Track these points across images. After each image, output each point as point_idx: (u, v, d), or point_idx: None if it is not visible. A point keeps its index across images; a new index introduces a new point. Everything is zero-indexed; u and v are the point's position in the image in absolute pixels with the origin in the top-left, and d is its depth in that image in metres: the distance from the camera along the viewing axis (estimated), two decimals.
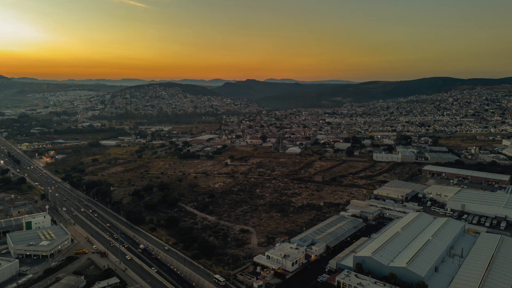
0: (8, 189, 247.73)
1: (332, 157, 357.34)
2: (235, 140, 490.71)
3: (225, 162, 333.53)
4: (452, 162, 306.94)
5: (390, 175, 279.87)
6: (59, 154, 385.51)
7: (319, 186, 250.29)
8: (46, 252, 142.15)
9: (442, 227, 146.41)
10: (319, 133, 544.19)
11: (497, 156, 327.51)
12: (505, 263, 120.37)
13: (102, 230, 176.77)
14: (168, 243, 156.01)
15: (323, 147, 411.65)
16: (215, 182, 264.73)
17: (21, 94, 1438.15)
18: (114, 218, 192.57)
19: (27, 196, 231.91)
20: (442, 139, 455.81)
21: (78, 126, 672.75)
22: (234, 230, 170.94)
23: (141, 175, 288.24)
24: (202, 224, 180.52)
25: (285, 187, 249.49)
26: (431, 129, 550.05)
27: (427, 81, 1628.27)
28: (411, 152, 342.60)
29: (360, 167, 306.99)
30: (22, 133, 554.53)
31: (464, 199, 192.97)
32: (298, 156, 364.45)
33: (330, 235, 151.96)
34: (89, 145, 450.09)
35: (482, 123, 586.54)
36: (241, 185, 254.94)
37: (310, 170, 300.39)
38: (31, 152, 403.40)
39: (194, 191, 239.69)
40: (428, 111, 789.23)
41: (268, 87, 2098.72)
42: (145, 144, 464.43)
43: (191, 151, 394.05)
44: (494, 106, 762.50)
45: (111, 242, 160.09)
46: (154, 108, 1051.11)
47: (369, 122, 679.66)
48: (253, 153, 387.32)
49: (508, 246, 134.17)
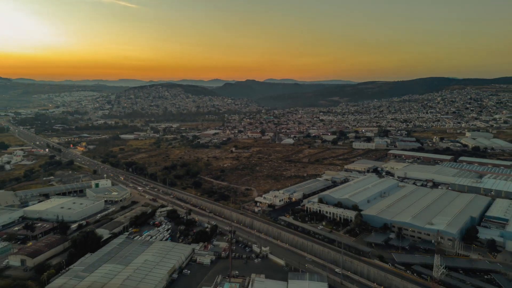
0: (61, 169, 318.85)
1: (319, 146, 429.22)
2: (238, 134, 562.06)
3: (231, 150, 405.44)
4: (415, 148, 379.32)
5: (363, 157, 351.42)
6: (89, 145, 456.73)
7: (305, 165, 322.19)
8: (117, 198, 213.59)
9: (381, 182, 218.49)
10: (312, 128, 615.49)
11: (453, 144, 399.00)
12: (411, 198, 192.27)
13: (148, 189, 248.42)
14: (197, 195, 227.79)
15: (313, 139, 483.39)
16: (224, 163, 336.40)
17: (26, 95, 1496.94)
18: (153, 183, 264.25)
19: (81, 172, 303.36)
20: (417, 132, 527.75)
21: (94, 123, 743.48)
22: (241, 189, 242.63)
23: (164, 159, 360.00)
24: (218, 186, 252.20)
25: (278, 166, 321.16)
26: (412, 124, 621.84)
27: (423, 81, 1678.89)
28: (384, 141, 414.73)
29: (341, 153, 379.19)
30: (47, 129, 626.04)
31: (407, 170, 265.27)
32: (291, 146, 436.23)
33: (307, 188, 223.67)
34: (111, 138, 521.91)
35: (458, 119, 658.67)
36: (244, 164, 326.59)
37: (300, 155, 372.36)
38: (64, 144, 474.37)
39: (208, 168, 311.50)
40: (415, 110, 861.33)
41: (267, 87, 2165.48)
42: (159, 137, 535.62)
43: (201, 142, 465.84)
44: (475, 105, 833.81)
45: (157, 194, 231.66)
46: (159, 107, 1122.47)
47: (359, 119, 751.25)
48: (253, 144, 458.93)
49: (418, 191, 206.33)
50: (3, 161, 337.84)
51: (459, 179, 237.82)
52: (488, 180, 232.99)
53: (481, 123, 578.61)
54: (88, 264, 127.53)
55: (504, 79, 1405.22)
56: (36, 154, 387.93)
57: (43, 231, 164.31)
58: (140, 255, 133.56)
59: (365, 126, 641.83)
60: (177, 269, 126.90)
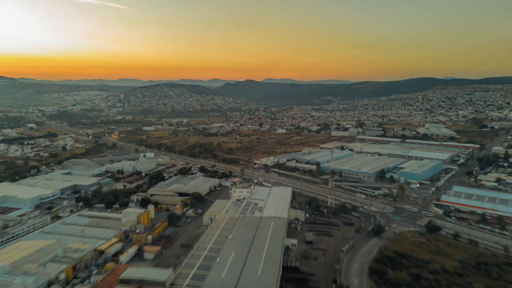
0: (109, 149, 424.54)
1: (306, 134, 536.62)
2: (240, 126, 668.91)
3: (235, 137, 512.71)
4: (378, 135, 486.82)
5: (337, 142, 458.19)
6: (120, 134, 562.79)
7: (292, 146, 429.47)
8: (163, 162, 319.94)
9: (340, 152, 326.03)
10: (302, 122, 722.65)
11: (410, 132, 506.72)
12: (356, 159, 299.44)
13: (179, 159, 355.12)
14: (215, 162, 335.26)
15: (301, 130, 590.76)
16: (231, 145, 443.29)
17: (38, 94, 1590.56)
18: (181, 156, 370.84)
19: (126, 151, 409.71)
20: (388, 125, 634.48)
21: (114, 119, 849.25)
22: (245, 159, 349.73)
23: (184, 143, 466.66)
24: (228, 158, 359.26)
25: (272, 146, 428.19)
26: (387, 119, 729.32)
27: (413, 82, 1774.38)
28: (357, 130, 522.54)
29: (321, 138, 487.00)
30: (77, 123, 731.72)
31: (363, 147, 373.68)
32: (283, 134, 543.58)
33: (289, 156, 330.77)
34: (135, 129, 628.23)
35: (427, 114, 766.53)
36: (247, 146, 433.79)
37: (289, 140, 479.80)
38: (98, 133, 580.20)
39: (220, 148, 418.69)
40: (396, 107, 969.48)
41: (266, 87, 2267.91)
42: (174, 129, 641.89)
43: (211, 132, 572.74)
44: (448, 103, 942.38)
45: (187, 161, 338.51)
46: (166, 105, 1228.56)
47: (344, 115, 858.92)
48: (253, 133, 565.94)
49: (362, 156, 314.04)
50: (62, 144, 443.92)
51: (395, 151, 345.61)
52: (414, 151, 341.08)
53: (444, 118, 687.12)
54: (163, 184, 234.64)
55: (488, 79, 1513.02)
56: (82, 140, 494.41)
57: (127, 175, 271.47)
58: (191, 182, 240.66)
59: (347, 120, 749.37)
60: (213, 187, 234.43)
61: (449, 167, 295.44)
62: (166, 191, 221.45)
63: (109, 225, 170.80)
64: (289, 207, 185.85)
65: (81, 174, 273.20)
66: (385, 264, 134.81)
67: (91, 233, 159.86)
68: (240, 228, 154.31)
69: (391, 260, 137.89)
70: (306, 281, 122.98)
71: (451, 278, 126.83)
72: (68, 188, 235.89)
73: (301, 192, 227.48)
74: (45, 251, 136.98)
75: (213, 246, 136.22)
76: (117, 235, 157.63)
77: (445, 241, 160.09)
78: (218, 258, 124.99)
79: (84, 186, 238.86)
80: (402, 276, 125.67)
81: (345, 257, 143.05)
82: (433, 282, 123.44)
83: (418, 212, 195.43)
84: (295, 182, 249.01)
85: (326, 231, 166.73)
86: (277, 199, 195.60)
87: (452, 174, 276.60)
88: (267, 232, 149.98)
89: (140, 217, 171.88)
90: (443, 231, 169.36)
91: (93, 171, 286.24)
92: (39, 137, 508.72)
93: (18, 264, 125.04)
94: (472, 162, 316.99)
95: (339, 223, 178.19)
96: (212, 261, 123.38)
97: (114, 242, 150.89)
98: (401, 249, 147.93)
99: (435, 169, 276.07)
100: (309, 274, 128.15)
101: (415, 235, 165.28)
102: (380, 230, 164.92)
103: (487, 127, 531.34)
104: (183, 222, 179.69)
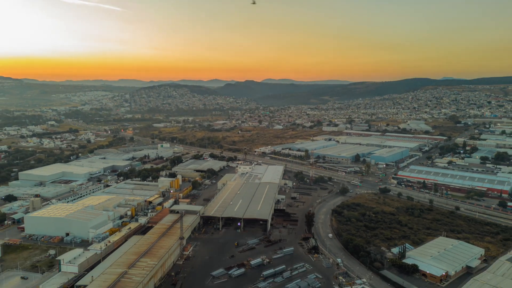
0: (128, 142, 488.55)
1: (300, 130, 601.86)
2: (241, 124, 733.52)
3: (237, 132, 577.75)
4: (363, 129, 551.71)
5: (327, 135, 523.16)
6: (134, 130, 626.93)
7: (287, 139, 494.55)
8: (178, 151, 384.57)
9: (326, 142, 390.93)
10: (298, 119, 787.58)
11: (392, 128, 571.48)
12: (339, 147, 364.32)
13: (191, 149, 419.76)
14: (222, 150, 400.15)
15: (296, 126, 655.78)
16: (234, 138, 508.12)
17: (45, 94, 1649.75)
18: (193, 147, 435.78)
19: (143, 143, 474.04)
20: (375, 122, 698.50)
21: (124, 117, 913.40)
22: (247, 148, 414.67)
23: (193, 137, 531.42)
24: (232, 148, 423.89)
25: (270, 140, 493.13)
26: (375, 116, 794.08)
27: (408, 82, 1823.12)
28: (345, 126, 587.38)
29: (313, 133, 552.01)
30: (92, 121, 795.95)
31: (347, 139, 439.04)
32: (280, 129, 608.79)
33: (284, 146, 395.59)
34: (146, 126, 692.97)
35: (412, 112, 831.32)
36: (248, 139, 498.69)
37: (285, 134, 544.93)
38: (114, 129, 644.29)
39: (224, 140, 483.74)
40: (386, 106, 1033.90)
41: (265, 87, 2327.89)
42: (182, 126, 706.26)
43: (215, 128, 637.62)
44: (435, 102, 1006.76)
45: (199, 150, 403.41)
46: (171, 105, 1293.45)
47: (337, 114, 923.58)
48: (253, 129, 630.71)
49: (345, 145, 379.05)
50: (86, 138, 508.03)
51: (373, 141, 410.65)
52: (389, 142, 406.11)
53: (426, 115, 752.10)
54: (183, 165, 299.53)
55: (478, 80, 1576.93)
56: (102, 135, 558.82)
57: (152, 159, 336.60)
58: (204, 163, 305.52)
59: (339, 118, 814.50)
60: (222, 166, 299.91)
61: (415, 153, 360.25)
62: (186, 168, 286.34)
63: (149, 188, 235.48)
64: (281, 177, 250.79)
65: (114, 158, 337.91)
66: (343, 209, 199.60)
67: (138, 193, 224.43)
68: (244, 189, 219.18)
69: (349, 207, 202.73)
70: (289, 215, 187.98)
71: (387, 216, 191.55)
72: (108, 168, 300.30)
73: (291, 170, 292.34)
74: (111, 201, 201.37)
75: (227, 196, 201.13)
76: (157, 194, 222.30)
77: (391, 198, 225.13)
78: (231, 202, 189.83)
79: (120, 167, 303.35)
80: (353, 214, 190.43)
81: (317, 206, 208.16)
82: (373, 217, 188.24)
83: (379, 183, 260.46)
84: (287, 163, 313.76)
85: (306, 192, 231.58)
86: (272, 173, 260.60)
87: (415, 158, 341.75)
88: (263, 190, 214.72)
89: (171, 183, 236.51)
90: (391, 192, 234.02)
91: (123, 156, 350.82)
92: (63, 132, 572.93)
93: (98, 207, 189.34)
94: (435, 150, 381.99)
95: (317, 188, 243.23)
96: (227, 203, 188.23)
97: (156, 197, 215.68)
98: (358, 201, 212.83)
99: (401, 154, 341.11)
100: (292, 213, 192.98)
101: (371, 195, 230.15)
102: (345, 191, 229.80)
103: (461, 123, 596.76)
104: (203, 188, 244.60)
